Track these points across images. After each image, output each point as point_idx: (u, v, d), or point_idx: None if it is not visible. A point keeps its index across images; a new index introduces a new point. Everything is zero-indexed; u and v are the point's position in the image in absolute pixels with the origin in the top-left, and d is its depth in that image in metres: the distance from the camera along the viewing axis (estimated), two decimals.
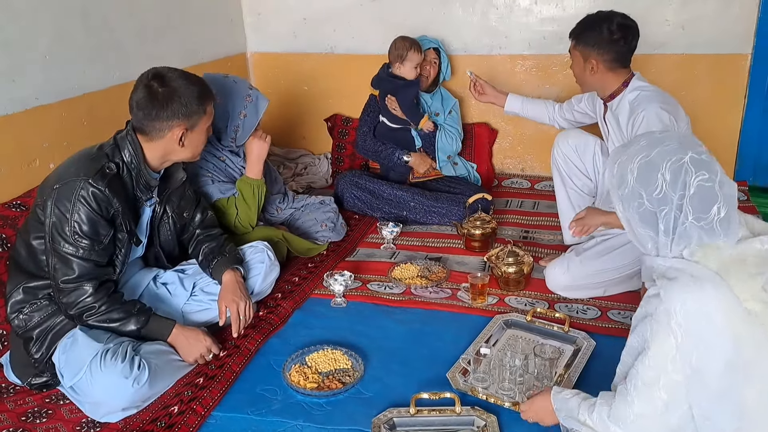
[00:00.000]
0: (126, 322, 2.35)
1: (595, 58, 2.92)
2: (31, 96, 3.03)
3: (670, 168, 1.62)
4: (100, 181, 2.28)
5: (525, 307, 2.90)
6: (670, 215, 1.63)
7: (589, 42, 2.92)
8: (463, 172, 4.26)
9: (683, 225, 1.63)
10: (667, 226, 1.64)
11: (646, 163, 1.66)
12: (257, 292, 2.87)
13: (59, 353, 2.29)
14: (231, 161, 3.26)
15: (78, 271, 2.27)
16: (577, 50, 2.99)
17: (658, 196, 1.64)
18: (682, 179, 1.61)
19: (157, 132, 2.41)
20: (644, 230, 1.69)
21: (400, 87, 3.97)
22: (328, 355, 2.53)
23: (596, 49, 2.90)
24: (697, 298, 1.56)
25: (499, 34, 4.42)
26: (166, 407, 2.27)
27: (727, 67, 4.15)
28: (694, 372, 1.58)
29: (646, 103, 2.81)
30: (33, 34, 3.04)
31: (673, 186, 1.61)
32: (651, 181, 1.64)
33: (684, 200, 1.61)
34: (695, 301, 1.56)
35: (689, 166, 1.61)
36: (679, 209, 1.62)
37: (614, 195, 1.76)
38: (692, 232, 1.62)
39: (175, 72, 2.45)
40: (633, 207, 1.69)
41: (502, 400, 2.24)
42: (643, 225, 1.69)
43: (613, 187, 1.75)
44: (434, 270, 3.25)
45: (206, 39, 4.45)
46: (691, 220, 1.61)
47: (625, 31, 2.89)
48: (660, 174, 1.63)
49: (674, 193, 1.61)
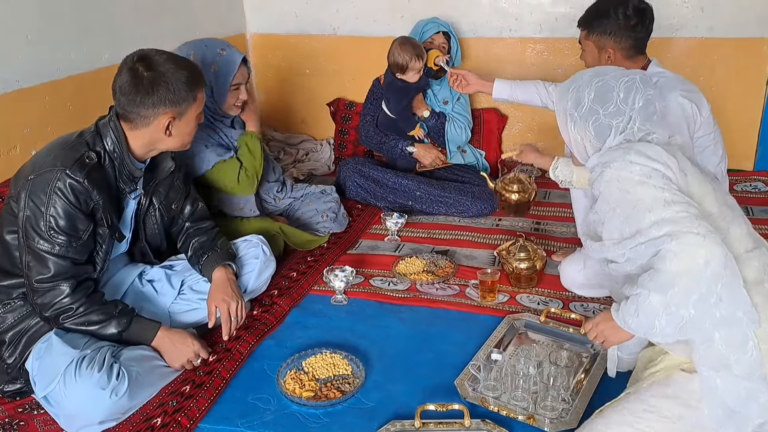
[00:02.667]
0: (106, 324, 2.19)
1: (611, 47, 2.80)
2: (11, 78, 2.91)
3: (623, 87, 1.94)
4: (79, 172, 2.11)
5: (538, 306, 2.76)
6: (620, 125, 1.94)
7: (604, 30, 2.79)
8: (472, 160, 4.15)
9: (630, 130, 1.94)
10: (616, 133, 1.95)
11: (603, 85, 1.96)
12: (251, 289, 2.72)
13: (33, 359, 2.13)
14: (224, 133, 3.12)
15: (54, 269, 2.11)
16: (590, 40, 2.85)
17: (613, 109, 1.94)
18: (633, 95, 1.94)
19: (141, 120, 2.23)
20: (597, 142, 1.98)
21: (395, 90, 3.83)
22: (327, 360, 2.38)
23: (612, 37, 2.78)
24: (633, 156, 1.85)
25: (509, 16, 4.29)
26: (148, 419, 2.11)
27: (748, 51, 4.03)
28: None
29: (666, 91, 2.66)
30: (14, 11, 2.90)
31: (626, 100, 1.94)
32: (607, 99, 1.94)
33: (634, 111, 1.94)
34: (635, 156, 1.85)
35: (639, 84, 1.95)
36: (629, 119, 1.94)
37: (567, 117, 2.02)
38: (637, 134, 1.95)
39: (163, 54, 2.26)
40: (590, 122, 1.96)
41: (516, 412, 2.09)
42: (596, 137, 1.97)
43: (568, 109, 2.01)
44: (441, 264, 3.12)
45: (203, 19, 4.31)
46: (638, 125, 1.94)
47: (641, 15, 2.76)
48: (615, 93, 1.94)
49: (626, 106, 1.94)
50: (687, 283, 1.67)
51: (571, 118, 2.01)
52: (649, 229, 1.74)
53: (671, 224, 1.70)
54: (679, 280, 1.68)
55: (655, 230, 1.72)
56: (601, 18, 2.79)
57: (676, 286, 1.68)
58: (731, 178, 3.58)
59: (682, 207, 1.73)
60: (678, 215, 1.71)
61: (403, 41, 3.73)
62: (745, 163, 4.16)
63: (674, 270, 1.68)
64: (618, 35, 2.77)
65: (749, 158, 4.18)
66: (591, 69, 2.07)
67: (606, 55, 2.81)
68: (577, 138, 2.02)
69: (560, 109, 2.06)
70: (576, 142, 2.04)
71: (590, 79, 1.99)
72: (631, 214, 1.79)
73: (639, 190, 1.79)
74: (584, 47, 2.92)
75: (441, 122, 3.98)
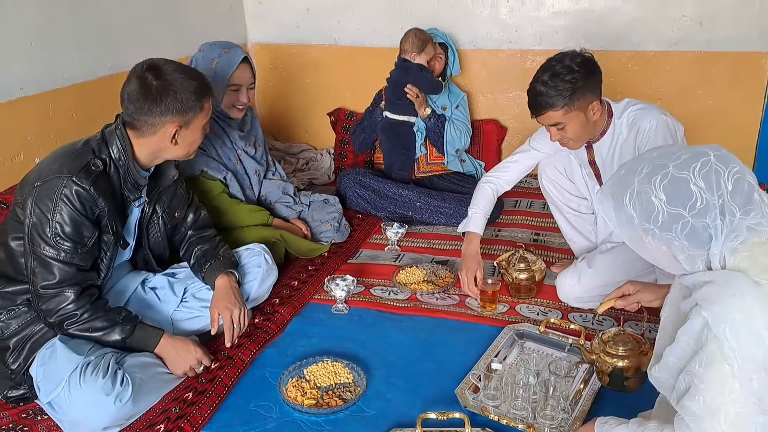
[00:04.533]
0: (110, 331, 2.21)
1: (594, 99, 2.61)
2: (15, 86, 2.94)
3: (699, 175, 1.52)
4: (85, 179, 2.13)
5: (537, 316, 2.77)
6: (716, 221, 1.52)
7: (582, 91, 2.55)
8: (471, 170, 4.18)
9: (731, 225, 1.52)
10: (716, 233, 1.53)
11: (671, 180, 1.54)
12: (253, 297, 2.74)
13: (37, 365, 2.14)
14: (229, 137, 3.20)
15: (59, 275, 2.12)
16: (574, 110, 2.58)
17: (701, 206, 1.52)
18: (716, 180, 1.52)
19: (148, 128, 2.25)
20: (695, 250, 1.56)
21: (395, 68, 3.92)
22: (328, 368, 2.40)
23: (590, 91, 2.59)
24: (743, 315, 1.45)
25: (509, 28, 4.31)
26: (151, 425, 2.13)
27: (746, 65, 4.03)
28: (758, 399, 1.45)
29: (646, 113, 2.65)
30: (18, 20, 2.93)
31: (710, 190, 1.51)
32: (687, 196, 1.53)
33: (724, 200, 1.51)
34: (743, 319, 1.44)
35: (716, 164, 1.52)
36: (722, 211, 1.51)
37: (642, 232, 1.61)
38: (740, 229, 1.52)
39: (172, 64, 2.29)
40: (677, 230, 1.55)
41: (515, 421, 2.10)
42: (692, 245, 1.55)
43: (638, 224, 1.60)
44: (441, 274, 3.14)
45: (204, 27, 4.34)
46: (739, 216, 1.52)
47: (586, 59, 2.61)
48: (692, 185, 1.52)
49: (714, 197, 1.51)
50: None
51: (647, 232, 1.60)
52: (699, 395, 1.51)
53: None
54: None
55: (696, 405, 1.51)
56: (568, 84, 2.54)
57: None
58: None
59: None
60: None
61: (416, 32, 3.87)
62: None
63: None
64: (592, 86, 2.59)
65: None
66: (632, 165, 1.66)
67: (592, 111, 2.62)
68: (662, 250, 1.61)
69: (623, 225, 1.66)
70: (663, 254, 1.63)
71: (648, 177, 1.58)
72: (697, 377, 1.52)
73: (717, 369, 1.49)
74: (567, 122, 2.62)
75: (441, 123, 3.99)
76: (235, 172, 3.24)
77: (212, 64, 3.00)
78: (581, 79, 2.53)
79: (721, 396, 1.46)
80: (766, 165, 4.14)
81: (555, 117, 2.59)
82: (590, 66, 2.59)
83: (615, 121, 2.72)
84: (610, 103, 2.75)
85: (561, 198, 3.10)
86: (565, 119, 2.60)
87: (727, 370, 1.45)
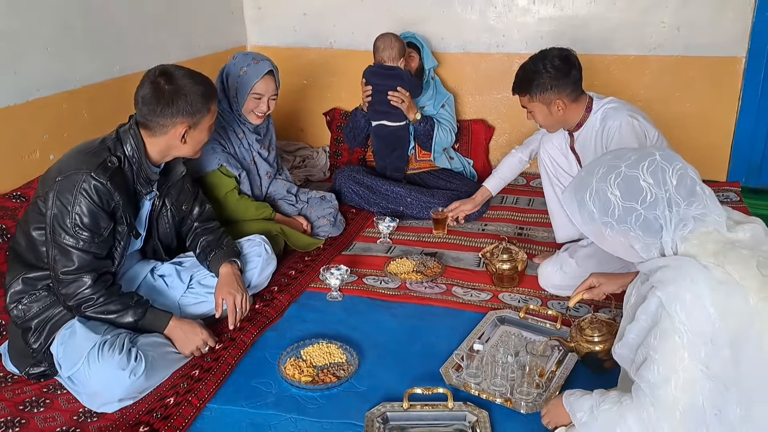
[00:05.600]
0: (123, 314, 2.38)
1: (557, 98, 2.87)
2: (32, 87, 3.06)
3: (648, 172, 1.71)
4: (102, 175, 2.30)
5: (518, 303, 2.93)
6: (665, 212, 1.70)
7: (544, 87, 2.85)
8: (459, 167, 4.30)
9: (678, 215, 1.70)
10: (666, 222, 1.71)
11: (624, 178, 1.73)
12: (254, 285, 2.90)
13: (57, 344, 2.31)
14: (246, 139, 3.38)
15: (78, 262, 2.30)
16: (536, 101, 2.90)
17: (651, 200, 1.70)
18: (662, 176, 1.71)
19: (160, 128, 2.43)
20: (649, 239, 1.74)
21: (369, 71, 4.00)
22: (323, 349, 2.56)
23: (555, 90, 2.85)
24: (693, 294, 1.62)
25: (497, 33, 4.48)
26: (162, 399, 2.30)
27: (721, 69, 4.21)
28: (705, 367, 1.63)
29: (614, 113, 2.87)
30: (35, 26, 3.07)
31: (658, 185, 1.70)
32: (638, 191, 1.71)
33: (670, 193, 1.70)
34: (693, 298, 1.62)
35: (662, 163, 1.71)
36: (669, 203, 1.70)
37: (600, 225, 1.79)
38: (687, 218, 1.70)
39: (182, 70, 2.47)
40: (631, 222, 1.73)
41: (494, 395, 2.27)
42: (645, 234, 1.73)
43: (598, 218, 1.78)
44: (429, 265, 3.29)
45: (207, 32, 4.49)
46: (684, 206, 1.70)
47: (567, 61, 2.86)
48: (642, 181, 1.71)
49: (661, 191, 1.70)
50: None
51: (606, 225, 1.77)
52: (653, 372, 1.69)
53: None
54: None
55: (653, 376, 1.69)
56: (535, 79, 2.85)
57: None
58: None
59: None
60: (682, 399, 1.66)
61: (392, 38, 3.93)
62: (719, 174, 4.34)
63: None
64: (558, 86, 2.84)
65: (722, 170, 4.37)
66: (590, 167, 1.84)
67: (556, 107, 2.88)
68: (620, 240, 1.79)
69: (585, 220, 1.83)
70: (621, 245, 1.81)
71: (604, 177, 1.76)
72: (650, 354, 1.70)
73: (669, 342, 1.66)
74: (531, 109, 2.96)
75: (430, 126, 4.06)
76: (248, 172, 3.43)
77: (240, 71, 3.22)
78: (549, 79, 2.83)
79: (672, 365, 1.64)
80: (741, 163, 4.34)
81: (523, 101, 2.99)
82: (564, 70, 2.82)
83: (591, 115, 2.94)
84: (594, 98, 2.97)
85: (554, 171, 3.30)
86: (530, 106, 2.96)
87: (678, 343, 1.63)
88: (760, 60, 4.11)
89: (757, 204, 4.09)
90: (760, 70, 4.13)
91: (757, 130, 4.26)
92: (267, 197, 3.62)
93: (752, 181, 4.37)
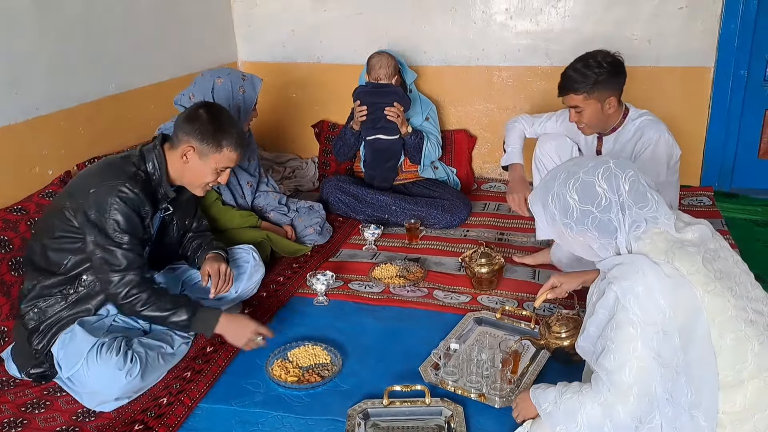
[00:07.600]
0: (177, 311, 2.48)
1: (612, 96, 2.96)
2: (32, 106, 3.16)
3: (603, 178, 1.85)
4: (135, 185, 2.46)
5: (496, 305, 3.04)
6: (618, 215, 1.84)
7: (602, 84, 2.91)
8: (443, 176, 4.39)
9: (631, 217, 1.84)
10: (619, 224, 1.84)
11: (581, 183, 1.86)
12: (243, 290, 2.99)
13: (58, 347, 2.44)
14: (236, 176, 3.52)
15: (125, 261, 2.42)
16: (592, 98, 2.94)
17: (605, 204, 1.84)
18: (615, 183, 1.84)
19: (177, 140, 2.58)
20: (604, 239, 1.88)
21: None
22: (309, 351, 2.67)
23: (610, 86, 2.93)
24: (645, 288, 1.76)
25: (476, 47, 4.60)
26: (155, 398, 2.43)
27: (692, 78, 4.34)
28: (657, 354, 1.77)
29: (655, 125, 3.00)
30: (36, 47, 3.16)
31: (612, 190, 1.84)
32: (594, 195, 1.85)
33: (623, 198, 1.83)
34: (645, 292, 1.76)
35: (615, 170, 1.85)
36: (622, 207, 1.84)
37: (561, 226, 1.93)
38: (640, 219, 1.84)
39: (225, 111, 2.66)
40: (588, 223, 1.87)
41: (469, 391, 2.40)
42: (601, 235, 1.87)
43: (559, 219, 1.92)
44: (412, 270, 3.40)
45: (199, 49, 4.60)
46: (636, 210, 1.83)
47: (618, 62, 2.97)
48: (598, 186, 1.84)
49: (615, 196, 1.83)
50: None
51: (566, 226, 1.91)
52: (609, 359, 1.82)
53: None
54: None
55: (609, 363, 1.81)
56: (593, 76, 2.89)
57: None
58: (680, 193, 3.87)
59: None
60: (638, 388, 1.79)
61: (387, 56, 4.05)
62: (692, 179, 4.47)
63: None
64: (613, 84, 2.94)
65: (695, 175, 4.50)
66: (553, 172, 1.98)
67: (608, 105, 2.96)
68: (579, 240, 1.93)
69: (548, 221, 1.97)
70: (580, 244, 1.95)
71: (564, 182, 1.89)
72: (608, 346, 1.83)
73: (624, 332, 1.79)
74: (584, 108, 2.97)
75: (420, 139, 4.15)
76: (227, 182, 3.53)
77: (240, 91, 3.36)
78: (606, 74, 2.91)
79: (627, 353, 1.78)
80: (713, 168, 4.48)
81: (575, 100, 2.97)
82: (617, 67, 2.95)
83: (627, 122, 3.07)
84: (629, 107, 3.09)
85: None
86: (584, 104, 2.97)
87: (632, 333, 1.77)
88: (727, 69, 4.25)
89: (729, 207, 4.20)
90: (728, 79, 4.27)
91: (728, 137, 4.40)
92: (259, 209, 3.73)
93: (725, 185, 4.50)
